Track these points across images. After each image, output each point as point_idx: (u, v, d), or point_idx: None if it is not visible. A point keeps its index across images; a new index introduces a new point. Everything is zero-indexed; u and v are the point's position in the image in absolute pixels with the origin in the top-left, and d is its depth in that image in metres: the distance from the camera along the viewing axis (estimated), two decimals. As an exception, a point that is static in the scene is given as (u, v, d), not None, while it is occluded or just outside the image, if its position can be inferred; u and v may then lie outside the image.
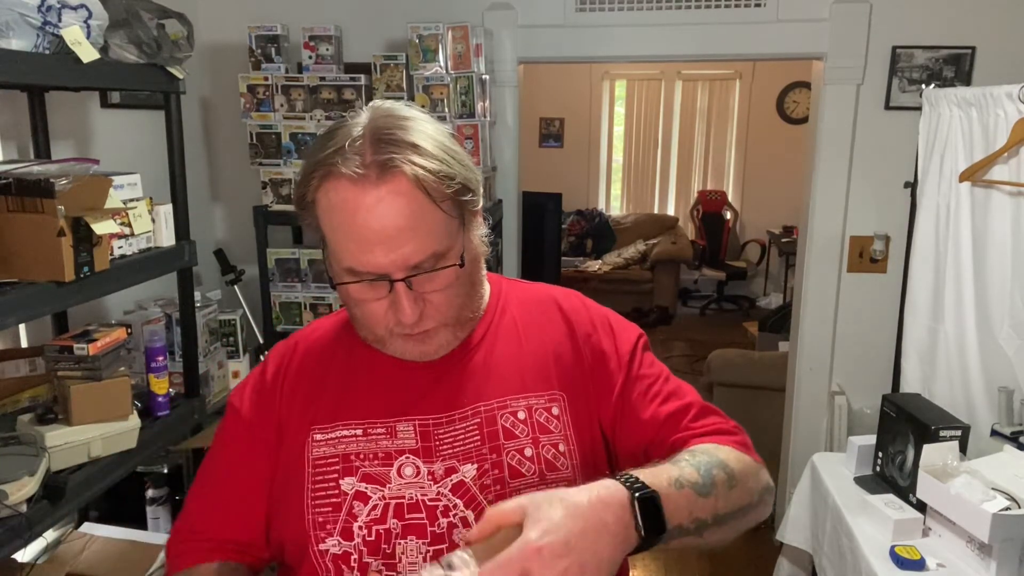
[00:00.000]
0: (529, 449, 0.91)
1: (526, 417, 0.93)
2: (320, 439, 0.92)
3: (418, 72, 2.54)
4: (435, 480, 0.88)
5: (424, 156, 0.82)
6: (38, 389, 1.88)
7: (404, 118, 0.85)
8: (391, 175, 0.81)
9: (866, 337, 2.86)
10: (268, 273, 2.72)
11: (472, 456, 0.90)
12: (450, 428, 0.91)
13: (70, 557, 1.92)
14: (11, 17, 1.49)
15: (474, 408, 0.92)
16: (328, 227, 0.85)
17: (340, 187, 0.82)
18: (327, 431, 0.92)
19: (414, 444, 0.90)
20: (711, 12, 2.75)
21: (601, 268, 6.95)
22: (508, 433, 0.91)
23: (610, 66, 7.18)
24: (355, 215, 0.81)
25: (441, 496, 0.88)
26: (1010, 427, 2.04)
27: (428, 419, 0.91)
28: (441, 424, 0.91)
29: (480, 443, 0.90)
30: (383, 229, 0.81)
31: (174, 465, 2.25)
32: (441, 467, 0.89)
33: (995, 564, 1.66)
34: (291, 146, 2.62)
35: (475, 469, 0.89)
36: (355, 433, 0.91)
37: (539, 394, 0.94)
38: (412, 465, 0.89)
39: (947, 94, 2.23)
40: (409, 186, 0.81)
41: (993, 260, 2.11)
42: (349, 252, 0.83)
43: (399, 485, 0.88)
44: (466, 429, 0.91)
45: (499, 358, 0.96)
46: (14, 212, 1.53)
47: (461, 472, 0.89)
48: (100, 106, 2.42)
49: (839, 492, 2.10)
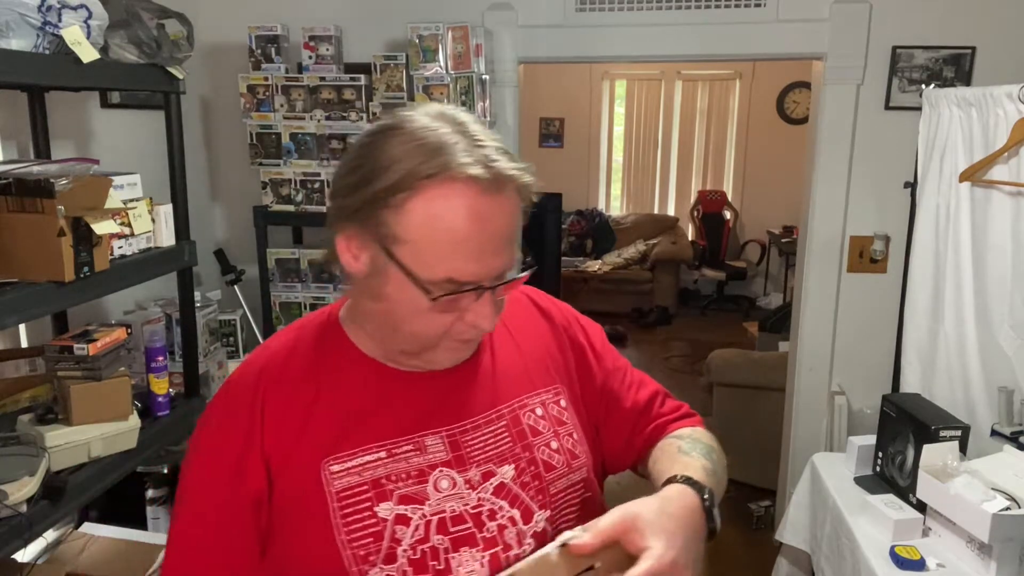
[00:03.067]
0: (554, 442, 0.94)
1: (543, 413, 0.96)
2: (339, 470, 0.85)
3: (418, 72, 2.54)
4: (473, 487, 0.88)
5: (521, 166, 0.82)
6: (38, 389, 1.88)
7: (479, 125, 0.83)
8: (506, 183, 0.80)
9: (866, 337, 2.86)
10: (268, 273, 2.72)
11: (507, 457, 0.91)
12: (477, 434, 0.91)
13: (70, 557, 1.92)
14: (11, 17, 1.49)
15: (496, 411, 0.93)
16: (421, 235, 0.79)
17: (452, 193, 0.77)
18: (345, 460, 0.86)
19: (445, 456, 0.88)
20: (711, 12, 2.75)
21: (601, 268, 6.95)
22: (533, 430, 0.94)
23: (610, 66, 7.18)
24: (472, 223, 0.78)
25: (483, 501, 0.88)
26: (1010, 427, 2.03)
27: (454, 428, 0.90)
28: (468, 431, 0.91)
29: (512, 443, 0.92)
30: (494, 238, 0.80)
31: (174, 465, 2.25)
32: (477, 473, 0.89)
33: (995, 564, 1.66)
34: (291, 146, 2.62)
35: (513, 469, 0.90)
36: (379, 456, 0.86)
37: (547, 389, 0.98)
38: (447, 477, 0.88)
39: (947, 94, 2.23)
40: (516, 196, 0.82)
41: (993, 260, 2.11)
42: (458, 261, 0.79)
43: (438, 500, 0.86)
44: (495, 432, 0.92)
45: (504, 359, 0.97)
46: (14, 212, 1.53)
47: (500, 474, 0.90)
48: (100, 106, 2.42)
49: (839, 492, 2.10)
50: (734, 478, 3.61)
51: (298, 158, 2.63)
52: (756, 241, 7.30)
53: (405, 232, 0.79)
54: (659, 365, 5.45)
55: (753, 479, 3.57)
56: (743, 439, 3.61)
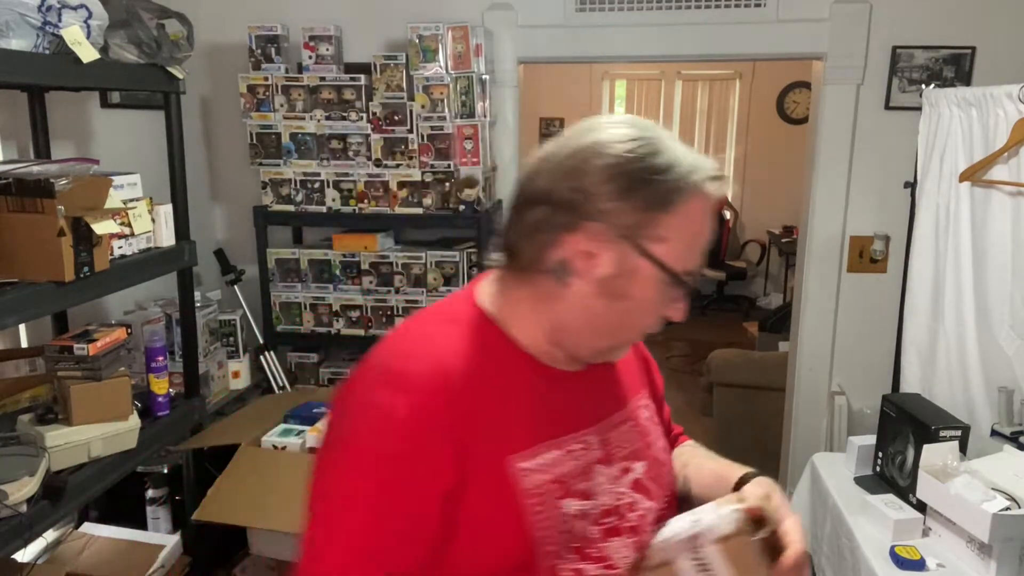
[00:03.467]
0: (660, 441, 1.04)
1: (649, 414, 1.05)
2: (527, 467, 0.88)
3: (418, 72, 2.54)
4: (615, 481, 0.94)
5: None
6: (38, 389, 1.88)
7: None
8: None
9: (866, 337, 2.86)
10: (268, 273, 2.72)
11: (639, 454, 0.98)
12: (615, 431, 0.98)
13: (70, 557, 1.92)
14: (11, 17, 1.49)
15: (627, 411, 1.01)
16: (688, 231, 0.89)
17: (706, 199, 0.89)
18: (529, 457, 0.88)
19: (600, 452, 0.94)
20: (711, 12, 2.75)
21: (601, 268, 6.95)
22: (648, 429, 1.03)
23: (610, 66, 7.18)
24: (710, 223, 0.91)
25: (624, 495, 0.94)
26: (1010, 427, 2.04)
27: (602, 425, 0.97)
28: (610, 428, 0.97)
29: (639, 440, 1.00)
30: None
31: (174, 465, 2.24)
32: (617, 468, 0.95)
33: (995, 564, 1.66)
34: (291, 146, 2.62)
35: (643, 465, 0.98)
36: (558, 454, 0.91)
37: (644, 392, 1.08)
38: (601, 473, 0.93)
39: (947, 94, 2.23)
40: None
41: (993, 260, 2.11)
42: (697, 256, 0.91)
43: (600, 494, 0.92)
44: (628, 430, 0.99)
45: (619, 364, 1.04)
46: (14, 212, 1.53)
47: (635, 470, 0.97)
48: (100, 106, 2.42)
49: (839, 492, 2.10)
50: (734, 478, 3.61)
51: (298, 158, 2.63)
52: (756, 241, 7.30)
53: (666, 232, 0.87)
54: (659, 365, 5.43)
55: (753, 479, 3.56)
56: (743, 439, 3.61)
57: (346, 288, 2.71)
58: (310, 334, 2.77)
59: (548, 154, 0.89)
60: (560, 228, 0.86)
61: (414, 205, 2.63)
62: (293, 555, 0.89)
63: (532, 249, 0.88)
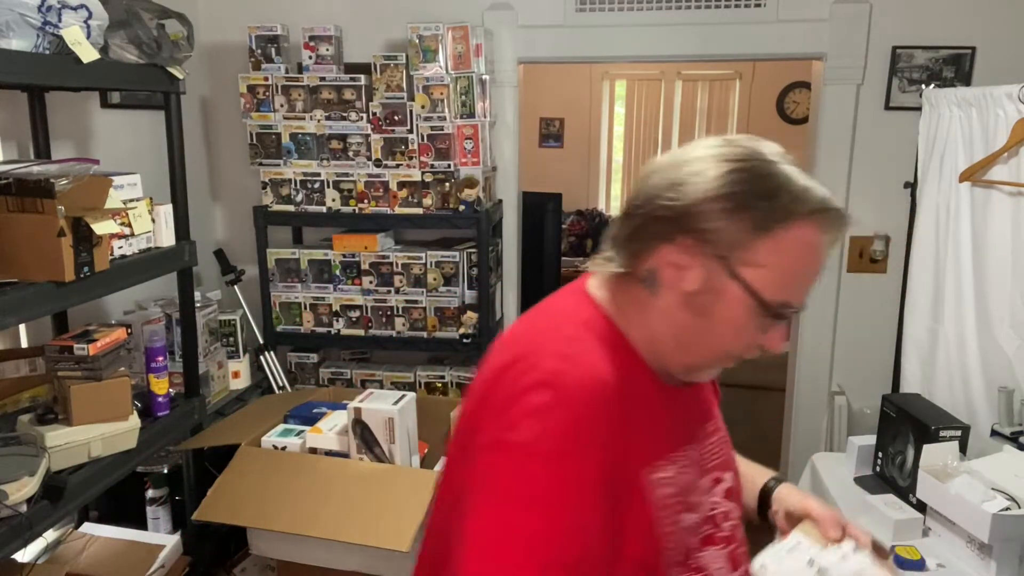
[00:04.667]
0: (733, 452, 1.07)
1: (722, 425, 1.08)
2: (658, 479, 0.90)
3: (418, 72, 2.54)
4: (709, 492, 0.98)
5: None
6: (38, 389, 1.88)
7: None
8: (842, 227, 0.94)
9: (866, 337, 2.86)
10: (268, 273, 2.72)
11: (727, 465, 1.03)
12: (707, 443, 1.01)
13: (70, 557, 1.92)
14: (11, 17, 1.49)
15: (714, 423, 1.05)
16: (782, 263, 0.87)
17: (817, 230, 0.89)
18: (659, 470, 0.91)
19: (699, 466, 0.97)
20: (711, 12, 2.75)
21: (601, 268, 6.94)
22: (729, 439, 1.07)
23: (610, 66, 7.18)
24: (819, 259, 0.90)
25: (717, 504, 0.98)
26: (1010, 427, 2.03)
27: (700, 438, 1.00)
28: (704, 440, 1.01)
29: (727, 451, 1.04)
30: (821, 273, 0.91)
31: (174, 465, 2.25)
32: (709, 479, 0.98)
33: (995, 564, 1.66)
34: (291, 146, 2.62)
35: (731, 476, 1.03)
36: (678, 468, 0.93)
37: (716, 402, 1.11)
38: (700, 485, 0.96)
39: (947, 94, 2.23)
40: None
41: (993, 260, 2.11)
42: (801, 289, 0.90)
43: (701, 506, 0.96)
44: (717, 443, 1.03)
45: None
46: (14, 212, 1.53)
47: (725, 480, 1.01)
48: (100, 106, 2.41)
49: (839, 492, 2.09)
50: (734, 478, 3.62)
51: (298, 158, 2.63)
52: (756, 241, 7.30)
53: (763, 258, 0.86)
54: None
55: (753, 479, 3.57)
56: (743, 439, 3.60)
57: (346, 288, 2.71)
58: (310, 334, 2.77)
59: (660, 164, 0.91)
60: (655, 237, 0.88)
61: (414, 205, 2.63)
62: (289, 554, 0.88)
63: (628, 255, 0.91)
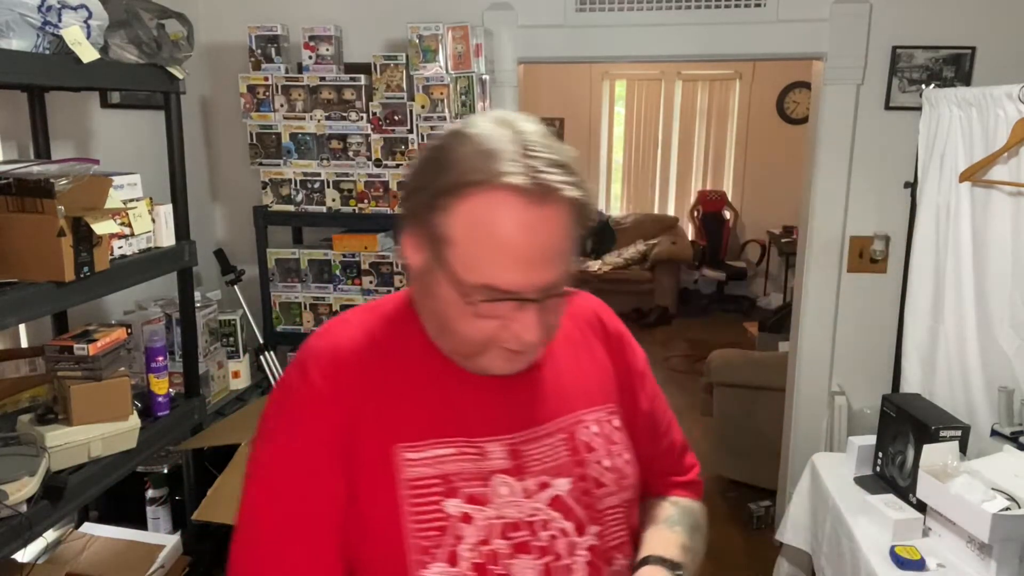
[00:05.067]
0: (607, 460, 0.95)
1: (599, 430, 0.97)
2: (413, 458, 0.87)
3: (418, 72, 2.54)
4: (529, 496, 0.90)
5: (577, 183, 0.82)
6: (38, 389, 1.88)
7: (545, 135, 0.84)
8: (553, 197, 0.80)
9: (866, 337, 2.86)
10: (268, 273, 2.72)
11: (563, 471, 0.92)
12: (537, 444, 0.93)
13: (70, 557, 1.92)
14: (11, 17, 1.49)
15: (556, 423, 0.94)
16: (467, 239, 0.80)
17: (497, 201, 0.79)
18: (419, 449, 0.87)
19: (505, 463, 0.90)
20: (711, 12, 2.75)
21: (601, 268, 6.95)
22: (587, 446, 0.95)
23: (610, 66, 7.18)
24: (512, 232, 0.79)
25: (538, 511, 0.90)
26: (1010, 427, 2.04)
27: (516, 437, 0.92)
28: (528, 441, 0.92)
29: (568, 457, 0.93)
30: (535, 250, 0.80)
31: (174, 465, 2.24)
32: (533, 483, 0.90)
33: (995, 564, 1.66)
34: (291, 146, 2.62)
35: (569, 483, 0.92)
36: (450, 452, 0.88)
37: (602, 406, 0.99)
38: (506, 484, 0.89)
39: (947, 94, 2.23)
40: (564, 211, 0.81)
41: (993, 260, 2.11)
42: (493, 268, 0.80)
43: (499, 504, 0.88)
44: (553, 445, 0.93)
45: (564, 372, 0.98)
46: (14, 212, 1.53)
47: (555, 486, 0.91)
48: (100, 106, 2.41)
49: (839, 492, 2.10)
50: (735, 478, 3.62)
51: (298, 158, 2.63)
52: (756, 241, 7.30)
53: (453, 234, 0.81)
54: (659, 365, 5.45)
55: (753, 479, 3.57)
56: (743, 439, 3.61)
57: (346, 288, 2.71)
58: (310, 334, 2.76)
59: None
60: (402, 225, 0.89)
61: (414, 205, 2.62)
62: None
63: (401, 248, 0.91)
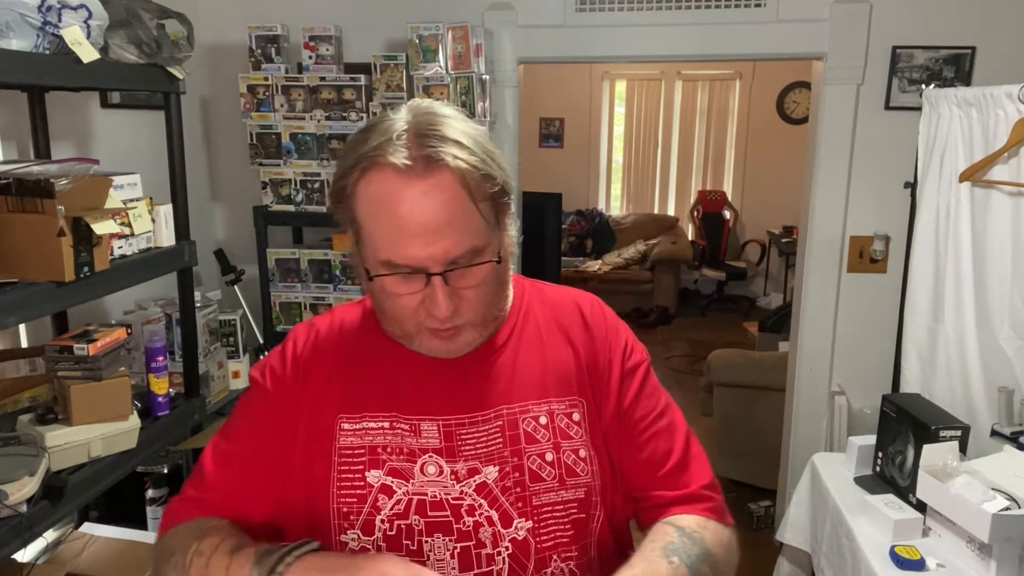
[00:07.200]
0: (550, 454, 0.93)
1: (548, 422, 0.94)
2: (348, 428, 0.93)
3: (418, 72, 2.54)
4: (458, 479, 0.90)
5: (468, 153, 0.84)
6: (38, 389, 1.88)
7: (446, 116, 0.87)
8: (436, 169, 0.82)
9: (866, 337, 2.86)
10: (268, 273, 2.72)
11: (494, 458, 0.91)
12: (473, 429, 0.93)
13: (70, 557, 1.92)
14: (11, 17, 1.49)
15: (497, 411, 0.94)
16: (367, 218, 0.85)
17: (384, 178, 0.83)
18: (354, 421, 0.93)
19: (437, 443, 0.92)
20: (711, 12, 2.75)
21: (601, 268, 6.95)
22: (529, 437, 0.93)
23: (610, 66, 7.18)
24: (398, 207, 0.82)
25: (465, 495, 0.90)
26: (1010, 427, 2.04)
27: (451, 419, 0.93)
28: (464, 425, 0.93)
29: (502, 446, 0.92)
30: (425, 222, 0.82)
31: (174, 465, 2.25)
32: (464, 467, 0.91)
33: (995, 564, 1.66)
34: (291, 146, 2.62)
35: (497, 471, 0.91)
36: (382, 426, 0.92)
37: (561, 399, 0.96)
38: (435, 464, 0.91)
39: (947, 94, 2.23)
40: (452, 181, 0.83)
41: (993, 260, 2.11)
42: (389, 244, 0.84)
43: (422, 482, 0.90)
44: (488, 432, 0.93)
45: (523, 362, 0.97)
46: (14, 212, 1.53)
47: (484, 473, 0.91)
48: (100, 106, 2.41)
49: (839, 492, 2.10)
50: (735, 478, 3.61)
51: (298, 158, 2.63)
52: (756, 241, 7.30)
53: (358, 216, 0.86)
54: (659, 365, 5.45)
55: (753, 479, 3.57)
56: (743, 439, 3.61)
57: (346, 288, 2.71)
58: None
59: None
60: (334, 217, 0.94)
61: (414, 205, 2.62)
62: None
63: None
